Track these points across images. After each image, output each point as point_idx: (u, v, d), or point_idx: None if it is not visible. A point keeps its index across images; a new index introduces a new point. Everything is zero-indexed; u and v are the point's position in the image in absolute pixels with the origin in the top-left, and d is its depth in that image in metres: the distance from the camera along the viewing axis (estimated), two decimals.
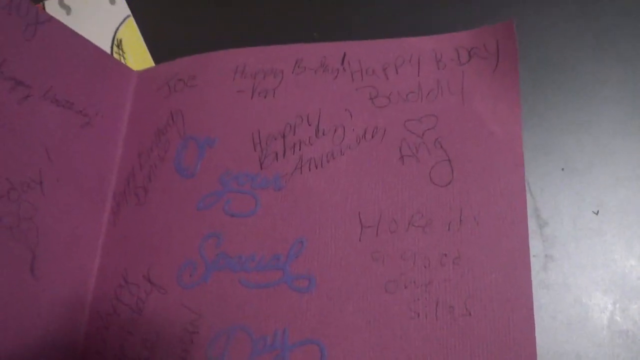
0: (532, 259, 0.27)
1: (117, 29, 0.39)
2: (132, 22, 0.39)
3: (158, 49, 0.38)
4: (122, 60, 0.38)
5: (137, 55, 0.38)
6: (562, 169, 0.30)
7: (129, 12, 0.40)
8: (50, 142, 0.30)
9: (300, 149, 0.30)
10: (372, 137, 0.30)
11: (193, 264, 0.29)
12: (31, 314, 0.28)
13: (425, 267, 0.27)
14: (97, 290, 0.31)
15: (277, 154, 0.30)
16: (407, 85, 0.30)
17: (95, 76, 0.33)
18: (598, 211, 0.29)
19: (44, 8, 0.39)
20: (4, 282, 0.27)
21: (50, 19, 0.30)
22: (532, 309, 0.25)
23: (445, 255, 0.27)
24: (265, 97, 0.32)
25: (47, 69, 0.30)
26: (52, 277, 0.29)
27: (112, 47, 0.38)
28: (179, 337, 0.28)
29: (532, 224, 0.28)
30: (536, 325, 0.25)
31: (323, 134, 0.30)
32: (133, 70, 0.36)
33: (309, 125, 0.31)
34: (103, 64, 0.34)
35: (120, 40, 0.38)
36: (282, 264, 0.28)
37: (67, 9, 0.40)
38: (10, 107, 0.28)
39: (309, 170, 0.30)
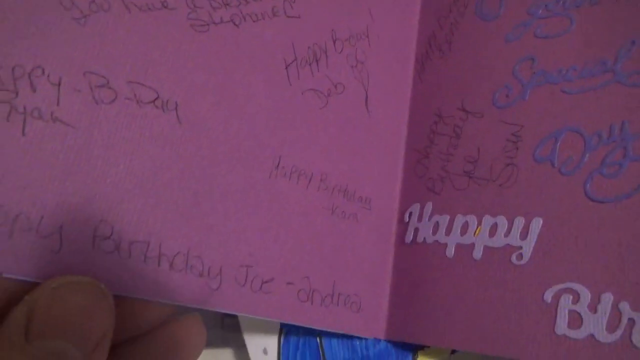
0: None
1: None
2: None
3: None
4: None
5: None
6: None
7: None
8: (372, 4, 0.35)
9: None
10: None
11: (508, 87, 0.30)
12: (367, 142, 0.33)
13: None
14: (412, 130, 0.35)
15: None
16: None
17: None
18: None
19: None
20: (351, 116, 0.32)
21: None
22: None
23: None
24: None
25: None
26: (379, 114, 0.34)
27: None
28: (501, 148, 0.29)
29: None
30: None
31: None
32: None
33: None
34: None
35: None
36: (610, 66, 0.27)
37: None
38: None
39: None
